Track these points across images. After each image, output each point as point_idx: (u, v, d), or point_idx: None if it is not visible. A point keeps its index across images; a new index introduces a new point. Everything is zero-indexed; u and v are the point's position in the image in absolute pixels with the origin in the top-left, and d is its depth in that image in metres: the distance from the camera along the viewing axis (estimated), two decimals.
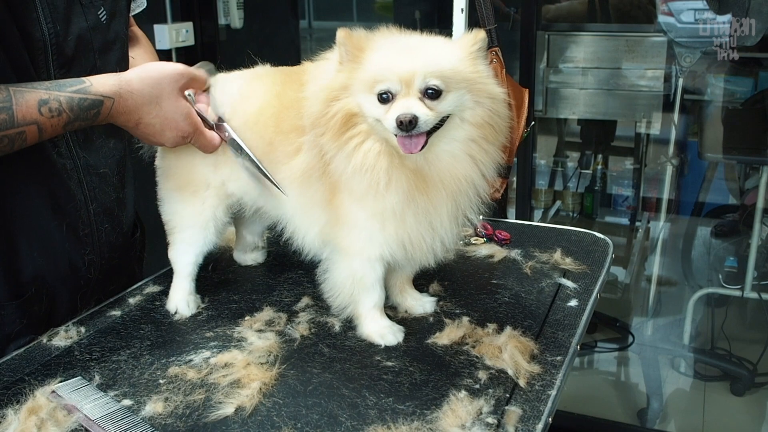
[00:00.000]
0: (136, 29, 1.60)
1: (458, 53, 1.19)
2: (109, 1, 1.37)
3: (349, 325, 1.34)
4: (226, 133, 1.34)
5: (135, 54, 1.53)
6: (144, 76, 1.25)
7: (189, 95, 1.31)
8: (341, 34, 1.18)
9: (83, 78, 1.21)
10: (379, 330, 1.31)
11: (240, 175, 1.38)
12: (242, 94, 1.38)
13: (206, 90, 1.37)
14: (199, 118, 1.32)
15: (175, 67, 1.28)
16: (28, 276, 1.33)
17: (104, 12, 1.35)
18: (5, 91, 1.13)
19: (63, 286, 1.39)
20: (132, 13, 1.56)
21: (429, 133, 1.15)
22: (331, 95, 1.19)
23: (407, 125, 1.10)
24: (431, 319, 1.37)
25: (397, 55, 1.17)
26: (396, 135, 1.13)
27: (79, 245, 1.39)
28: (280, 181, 1.32)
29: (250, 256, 1.65)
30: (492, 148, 1.22)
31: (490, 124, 1.20)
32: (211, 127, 1.34)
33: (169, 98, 1.27)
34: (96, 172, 1.40)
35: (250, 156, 1.33)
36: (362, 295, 1.31)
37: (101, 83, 1.21)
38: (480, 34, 1.21)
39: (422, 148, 1.14)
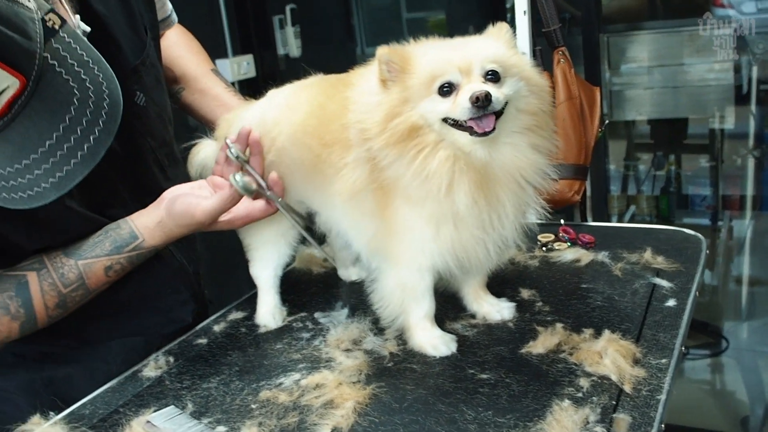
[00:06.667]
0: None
1: (501, 44, 1.19)
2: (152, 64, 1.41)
3: None
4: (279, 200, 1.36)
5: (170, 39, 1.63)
6: (181, 223, 1.28)
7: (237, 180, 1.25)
8: (383, 50, 1.16)
9: (134, 230, 1.28)
10: (431, 340, 1.27)
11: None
12: (289, 104, 1.38)
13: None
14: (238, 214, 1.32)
15: (204, 214, 1.26)
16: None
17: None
18: (75, 269, 1.24)
19: None
20: (167, 29, 1.63)
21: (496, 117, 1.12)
22: (390, 113, 1.15)
23: (483, 100, 1.08)
24: (523, 327, 1.31)
25: (450, 50, 1.17)
26: (467, 121, 1.10)
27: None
28: (330, 195, 1.29)
29: (352, 270, 1.64)
30: (548, 135, 1.21)
31: (543, 111, 1.19)
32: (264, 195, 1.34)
33: (209, 227, 1.31)
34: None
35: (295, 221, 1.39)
36: (412, 306, 1.28)
37: (151, 236, 1.28)
38: (504, 26, 1.21)
39: (493, 130, 1.10)
